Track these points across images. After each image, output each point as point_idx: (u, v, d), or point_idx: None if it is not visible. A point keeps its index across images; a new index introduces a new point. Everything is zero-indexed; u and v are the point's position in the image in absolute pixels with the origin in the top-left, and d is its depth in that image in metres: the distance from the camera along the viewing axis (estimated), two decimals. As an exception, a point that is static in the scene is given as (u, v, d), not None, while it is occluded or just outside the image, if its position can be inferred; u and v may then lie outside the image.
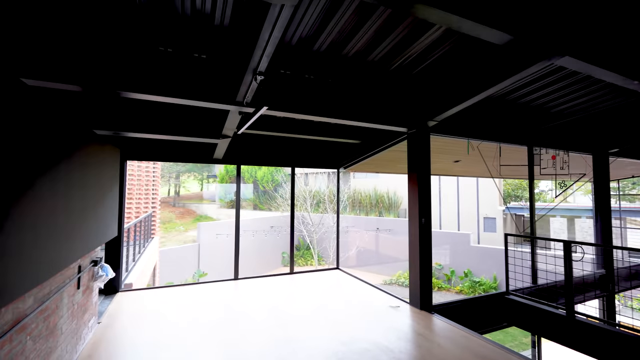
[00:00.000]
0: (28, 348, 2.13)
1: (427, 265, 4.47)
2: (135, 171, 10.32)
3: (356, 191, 20.05)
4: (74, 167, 2.44)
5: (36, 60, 2.73)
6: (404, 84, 4.14)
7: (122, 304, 4.57)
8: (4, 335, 1.81)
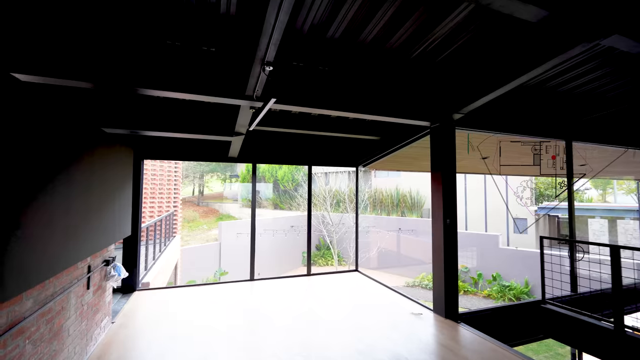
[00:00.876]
0: (27, 352, 2.06)
1: (453, 270, 4.13)
2: (158, 171, 10.53)
3: (377, 190, 19.59)
4: (78, 166, 2.36)
5: (44, 57, 2.69)
6: (426, 73, 3.83)
7: (137, 304, 4.56)
8: (-4, 341, 1.72)
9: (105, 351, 3.21)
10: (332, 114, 4.57)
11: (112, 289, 3.81)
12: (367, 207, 18.09)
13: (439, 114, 4.28)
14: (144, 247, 6.29)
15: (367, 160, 6.35)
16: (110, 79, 2.92)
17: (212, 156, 5.66)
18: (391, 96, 4.12)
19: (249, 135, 5.56)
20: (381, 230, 16.08)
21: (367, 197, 17.72)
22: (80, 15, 2.63)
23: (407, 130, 5.05)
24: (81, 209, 2.45)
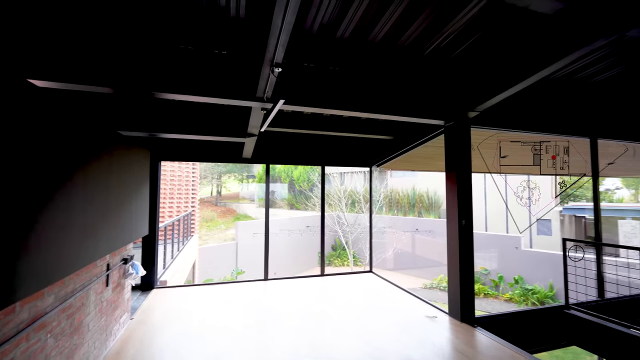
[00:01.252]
0: (49, 345, 2.16)
1: (469, 272, 4.01)
2: (176, 172, 10.82)
3: (394, 190, 19.35)
4: (96, 168, 2.45)
5: (67, 64, 2.82)
6: (440, 70, 3.74)
7: (155, 301, 4.70)
8: (18, 334, 1.81)
9: (123, 346, 3.33)
10: (344, 114, 4.55)
11: (130, 287, 3.94)
12: (382, 207, 17.89)
13: (453, 112, 4.18)
14: (162, 246, 6.48)
15: (380, 160, 6.28)
16: (129, 83, 3.02)
17: (226, 157, 5.76)
18: (404, 95, 4.05)
19: (261, 136, 5.62)
20: (397, 231, 15.87)
21: (382, 197, 17.52)
22: (98, 23, 2.74)
23: (421, 129, 4.96)
24: (99, 209, 2.54)
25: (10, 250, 1.53)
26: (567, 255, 4.60)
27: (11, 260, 1.54)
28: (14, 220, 1.56)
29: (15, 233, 1.56)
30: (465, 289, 3.98)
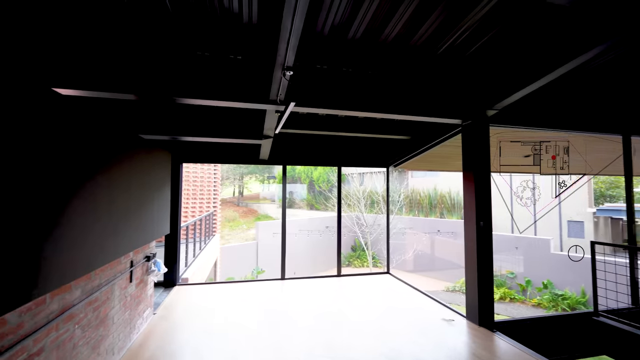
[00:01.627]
0: (76, 336, 2.32)
1: (487, 275, 3.89)
2: (199, 174, 11.19)
3: (414, 191, 19.00)
4: (118, 170, 2.61)
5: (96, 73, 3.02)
6: (455, 68, 3.67)
7: (177, 297, 4.90)
8: (49, 323, 1.97)
9: (146, 340, 3.50)
10: (359, 115, 4.56)
11: (153, 283, 4.13)
12: (402, 208, 17.61)
13: (470, 111, 4.07)
14: (184, 245, 6.73)
15: (397, 161, 6.21)
16: (152, 90, 3.18)
17: (244, 159, 5.90)
18: (419, 94, 4.00)
19: (278, 138, 5.72)
20: (418, 232, 15.57)
21: (402, 198, 17.25)
22: (124, 34, 2.91)
23: (437, 129, 4.86)
24: (121, 209, 2.70)
25: (40, 246, 1.67)
26: (595, 258, 4.35)
27: (42, 255, 1.68)
28: (46, 219, 1.70)
29: (44, 230, 1.70)
30: (483, 292, 3.87)
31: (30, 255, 1.61)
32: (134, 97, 3.23)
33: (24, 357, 1.78)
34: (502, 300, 12.67)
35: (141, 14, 2.72)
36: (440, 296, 12.89)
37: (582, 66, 3.70)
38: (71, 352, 2.25)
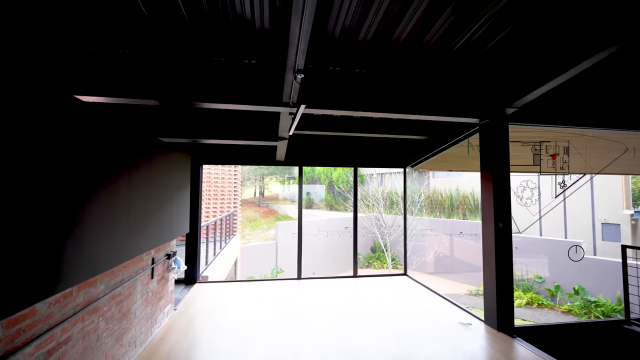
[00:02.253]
0: (101, 327, 2.48)
1: (506, 278, 3.77)
2: (220, 175, 11.51)
3: (436, 191, 18.58)
4: (138, 172, 2.76)
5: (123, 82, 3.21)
6: (472, 66, 3.59)
7: (197, 294, 5.08)
8: (75, 315, 2.12)
9: (166, 334, 3.67)
10: (373, 116, 4.55)
11: (174, 280, 4.31)
12: (423, 208, 17.27)
13: (488, 109, 3.96)
14: (205, 244, 6.96)
15: (414, 161, 6.12)
16: (173, 95, 3.34)
17: (261, 160, 6.03)
18: (435, 94, 3.94)
19: (294, 139, 5.80)
20: (439, 234, 15.21)
21: (423, 199, 16.91)
22: (144, 43, 3.07)
23: (454, 128, 4.76)
24: (141, 209, 2.85)
25: (62, 244, 1.81)
26: (627, 263, 4.10)
27: (64, 252, 1.82)
28: (70, 219, 1.85)
29: (67, 230, 1.85)
30: (502, 296, 3.75)
31: (54, 251, 1.75)
32: (156, 102, 3.40)
33: (53, 344, 1.93)
34: (529, 305, 12.13)
35: (160, 25, 2.87)
36: (461, 300, 12.58)
37: (607, 60, 3.50)
38: (96, 343, 2.40)
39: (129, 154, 2.62)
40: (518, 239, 13.28)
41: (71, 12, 2.64)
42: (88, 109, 2.10)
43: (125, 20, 2.78)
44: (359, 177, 22.55)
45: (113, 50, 3.17)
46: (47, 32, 2.80)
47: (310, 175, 29.75)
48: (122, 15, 2.72)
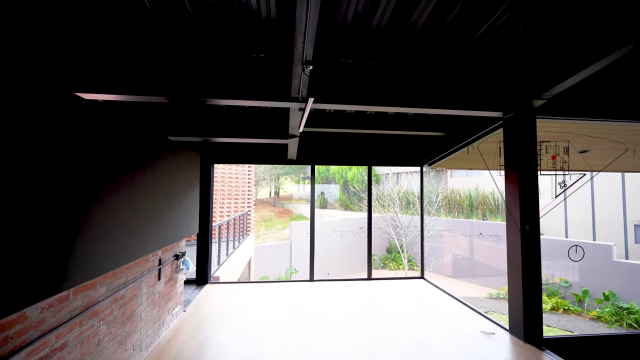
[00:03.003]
0: (101, 332, 2.39)
1: (534, 285, 3.46)
2: (234, 175, 11.51)
3: (454, 191, 18.00)
4: (139, 170, 2.66)
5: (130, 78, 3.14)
6: (496, 54, 3.31)
7: (207, 295, 5.00)
8: (72, 319, 2.02)
9: (174, 336, 3.58)
10: (388, 111, 4.33)
11: (183, 281, 4.23)
12: (441, 209, 16.76)
13: (514, 101, 3.66)
14: (217, 244, 6.90)
15: (432, 159, 5.83)
16: (181, 92, 3.24)
17: (272, 159, 5.89)
18: (454, 86, 3.68)
19: (306, 137, 5.64)
20: (457, 235, 14.69)
21: (441, 198, 16.40)
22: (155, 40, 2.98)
23: (476, 123, 4.46)
24: (145, 209, 2.75)
25: (64, 246, 1.70)
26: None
27: (65, 254, 1.71)
28: (69, 219, 1.74)
29: (68, 231, 1.74)
30: (529, 304, 3.45)
31: (44, 254, 1.64)
32: (165, 99, 3.31)
33: (46, 351, 1.83)
34: (554, 311, 11.51)
35: (165, 20, 2.76)
36: (482, 304, 12.08)
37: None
38: (96, 348, 2.31)
39: (132, 153, 2.52)
40: (545, 241, 12.64)
41: (76, 10, 2.56)
42: (89, 107, 2.00)
43: (129, 16, 2.69)
44: (374, 177, 22.22)
45: (120, 47, 3.10)
46: (51, 29, 2.74)
47: (325, 174, 29.60)
48: (126, 11, 2.63)
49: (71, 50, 2.96)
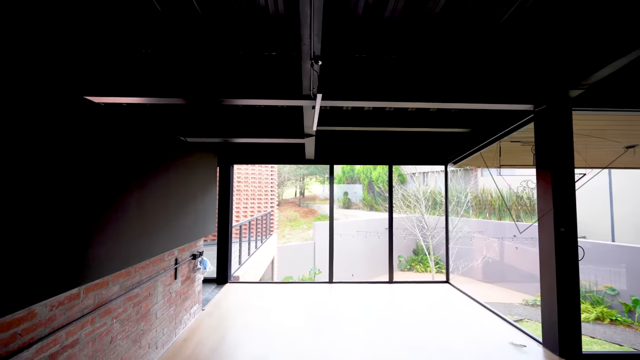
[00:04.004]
0: (115, 329, 2.43)
1: (571, 293, 3.14)
2: (257, 176, 11.67)
3: (485, 190, 17.11)
4: (152, 172, 2.70)
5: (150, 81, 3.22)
6: (525, 40, 3.02)
7: (226, 295, 5.05)
8: (83, 317, 2.07)
9: (190, 335, 3.62)
10: (408, 107, 4.14)
11: (201, 280, 4.29)
12: (470, 209, 16.00)
13: (546, 92, 3.35)
14: (238, 244, 6.98)
15: (456, 157, 5.52)
16: (198, 93, 3.28)
17: (290, 159, 5.85)
18: (478, 77, 3.43)
19: (324, 136, 5.55)
20: (488, 237, 13.93)
21: (470, 198, 15.65)
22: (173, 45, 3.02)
23: (503, 117, 4.14)
24: (156, 210, 2.78)
25: (67, 245, 1.73)
26: None
27: (70, 254, 1.74)
28: (69, 218, 1.77)
29: (73, 232, 1.77)
30: (566, 314, 3.12)
31: (52, 254, 1.67)
32: (182, 100, 3.36)
33: (56, 348, 1.88)
34: (599, 321, 10.56)
35: (175, 21, 2.78)
36: (516, 310, 11.35)
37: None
38: (109, 345, 2.36)
39: (141, 155, 2.55)
40: (587, 245, 11.70)
41: (94, 18, 2.64)
42: (99, 110, 2.04)
43: (143, 19, 2.75)
44: (399, 176, 21.67)
45: (137, 51, 3.18)
46: (65, 35, 2.85)
47: (350, 174, 29.35)
48: (139, 13, 2.68)
49: (92, 56, 3.07)
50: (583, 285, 11.32)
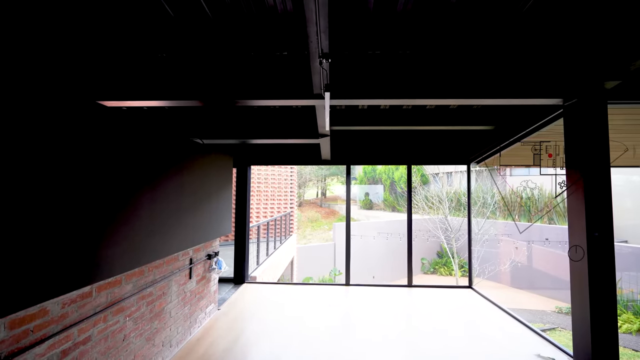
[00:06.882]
0: (127, 327, 2.49)
1: (607, 304, 2.87)
2: (276, 177, 11.76)
3: (512, 191, 16.30)
4: (163, 173, 2.74)
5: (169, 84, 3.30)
6: (551, 28, 2.80)
7: (242, 295, 5.09)
8: (95, 315, 2.12)
9: (205, 334, 3.66)
10: (427, 104, 4.00)
11: (217, 280, 4.34)
12: (496, 211, 15.28)
13: (577, 84, 3.09)
14: (255, 244, 7.04)
15: (480, 156, 5.25)
16: (213, 95, 3.31)
17: (306, 159, 5.82)
18: (500, 71, 3.23)
19: (339, 136, 5.47)
20: (516, 240, 13.24)
21: (497, 199, 14.95)
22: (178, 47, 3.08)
23: (530, 113, 3.88)
24: (169, 210, 2.83)
25: (89, 245, 1.78)
26: None
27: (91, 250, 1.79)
28: (81, 218, 1.82)
29: (92, 233, 1.81)
30: (600, 327, 2.86)
31: (62, 253, 1.71)
32: (199, 103, 3.41)
33: (68, 344, 1.93)
34: (643, 333, 9.73)
35: (188, 25, 2.82)
36: (548, 318, 10.70)
37: None
38: (122, 343, 2.41)
39: (155, 157, 2.59)
40: (628, 249, 10.87)
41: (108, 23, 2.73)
42: (110, 114, 2.09)
43: (156, 23, 2.80)
44: (422, 177, 21.11)
45: (153, 55, 3.25)
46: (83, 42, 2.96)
47: (371, 175, 29.01)
48: (152, 19, 2.74)
49: (110, 62, 3.18)
50: (623, 292, 10.50)
